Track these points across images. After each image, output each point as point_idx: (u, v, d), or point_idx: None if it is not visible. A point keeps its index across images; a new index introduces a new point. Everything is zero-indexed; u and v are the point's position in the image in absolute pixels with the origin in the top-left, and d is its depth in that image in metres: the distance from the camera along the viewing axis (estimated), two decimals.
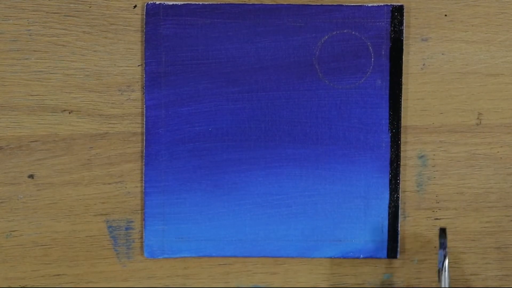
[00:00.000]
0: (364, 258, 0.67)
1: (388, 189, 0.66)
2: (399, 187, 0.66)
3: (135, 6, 0.65)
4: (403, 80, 0.65)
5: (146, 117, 0.65)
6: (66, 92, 0.65)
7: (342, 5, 0.65)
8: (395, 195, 0.66)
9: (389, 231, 0.66)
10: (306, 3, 0.65)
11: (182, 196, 0.66)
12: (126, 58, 0.65)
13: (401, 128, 0.66)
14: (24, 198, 0.66)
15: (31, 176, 0.66)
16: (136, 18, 0.65)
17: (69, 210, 0.66)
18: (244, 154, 0.66)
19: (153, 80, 0.65)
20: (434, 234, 0.67)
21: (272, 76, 0.65)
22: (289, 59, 0.65)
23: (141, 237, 0.67)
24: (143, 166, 0.66)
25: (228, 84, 0.65)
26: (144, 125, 0.65)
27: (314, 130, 0.65)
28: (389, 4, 0.65)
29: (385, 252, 0.66)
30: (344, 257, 0.67)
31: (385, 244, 0.66)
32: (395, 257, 0.66)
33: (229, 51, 0.65)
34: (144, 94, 0.65)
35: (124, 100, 0.66)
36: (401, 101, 0.65)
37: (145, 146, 0.66)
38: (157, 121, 0.65)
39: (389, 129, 0.65)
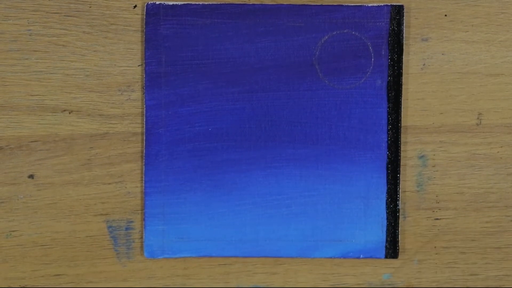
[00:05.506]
0: (364, 258, 0.66)
1: (387, 189, 0.66)
2: (399, 187, 0.66)
3: (135, 6, 0.65)
4: (403, 80, 0.65)
5: (146, 117, 0.65)
6: (66, 92, 0.65)
7: (342, 5, 0.65)
8: (395, 195, 0.66)
9: (388, 231, 0.66)
10: (306, 3, 0.65)
11: (182, 196, 0.66)
12: (126, 58, 0.65)
13: (401, 128, 0.66)
14: (24, 198, 0.66)
15: (31, 176, 0.66)
16: (136, 18, 0.65)
17: (69, 210, 0.66)
18: (244, 154, 0.66)
19: (153, 80, 0.65)
20: (434, 234, 0.67)
21: (272, 76, 0.65)
22: (289, 59, 0.65)
23: (141, 237, 0.67)
24: (143, 166, 0.66)
25: (228, 84, 0.65)
26: (144, 125, 0.65)
27: (314, 130, 0.65)
28: (389, 4, 0.65)
29: (384, 252, 0.66)
30: (344, 257, 0.66)
31: (385, 244, 0.66)
32: (395, 257, 0.66)
33: (229, 51, 0.65)
34: (144, 94, 0.65)
35: (124, 100, 0.66)
36: (401, 101, 0.65)
37: (145, 146, 0.66)
38: (157, 121, 0.65)
39: (388, 129, 0.65)
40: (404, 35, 0.65)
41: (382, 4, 0.65)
